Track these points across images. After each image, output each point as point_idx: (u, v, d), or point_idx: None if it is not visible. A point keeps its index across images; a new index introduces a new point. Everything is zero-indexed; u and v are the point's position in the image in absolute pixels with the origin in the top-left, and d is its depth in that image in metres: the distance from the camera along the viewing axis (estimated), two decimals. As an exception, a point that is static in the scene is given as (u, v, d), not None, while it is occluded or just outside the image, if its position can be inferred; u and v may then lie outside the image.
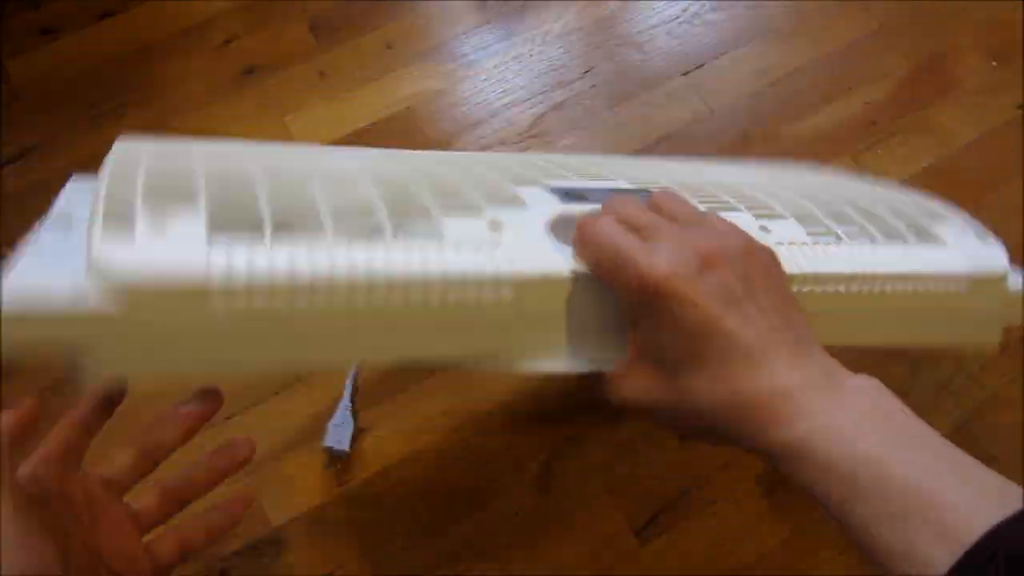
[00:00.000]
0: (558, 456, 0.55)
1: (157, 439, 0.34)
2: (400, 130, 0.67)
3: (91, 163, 0.68)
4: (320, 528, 0.53)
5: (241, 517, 0.36)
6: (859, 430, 0.26)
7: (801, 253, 0.35)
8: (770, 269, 0.31)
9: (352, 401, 0.55)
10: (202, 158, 0.34)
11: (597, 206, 0.35)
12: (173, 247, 0.26)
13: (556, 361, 0.33)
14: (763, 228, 0.37)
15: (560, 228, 0.34)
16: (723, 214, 0.35)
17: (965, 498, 0.24)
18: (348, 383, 0.56)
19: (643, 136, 0.67)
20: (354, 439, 0.54)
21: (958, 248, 0.39)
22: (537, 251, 0.32)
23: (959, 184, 0.65)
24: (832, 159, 0.66)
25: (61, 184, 0.64)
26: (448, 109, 0.68)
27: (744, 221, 0.36)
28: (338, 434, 0.54)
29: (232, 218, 0.28)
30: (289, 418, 0.56)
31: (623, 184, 0.39)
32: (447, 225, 0.31)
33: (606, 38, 0.72)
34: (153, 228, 0.27)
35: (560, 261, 0.32)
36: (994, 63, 0.70)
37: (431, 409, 0.56)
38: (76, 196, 0.37)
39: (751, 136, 0.67)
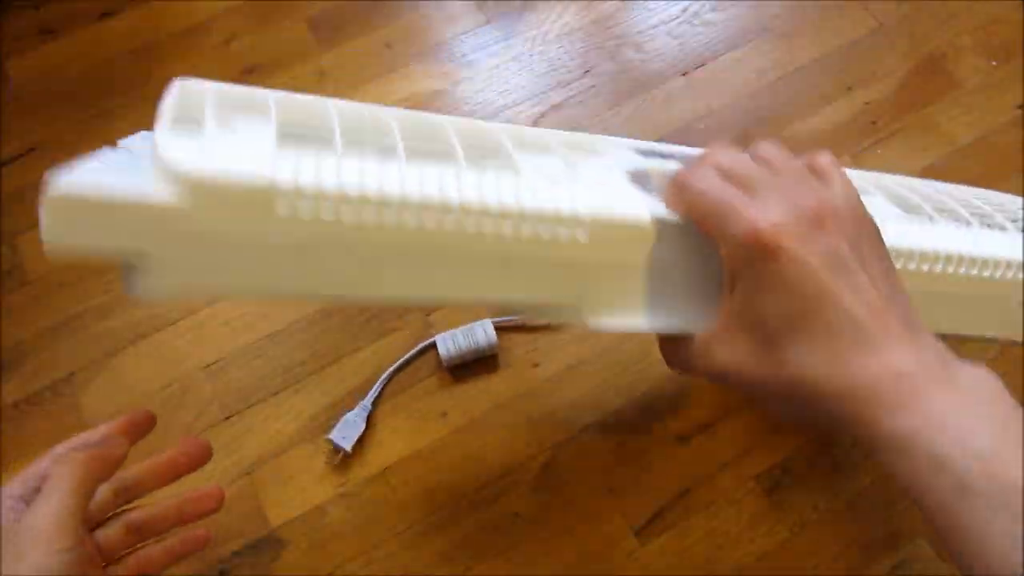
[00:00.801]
0: (558, 456, 0.55)
1: (138, 481, 0.34)
2: (400, 130, 0.67)
3: (91, 163, 0.67)
4: (320, 528, 0.53)
5: (201, 548, 0.37)
6: (975, 424, 0.24)
7: (895, 227, 0.33)
8: (876, 238, 0.28)
9: (373, 405, 0.55)
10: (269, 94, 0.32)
11: (679, 165, 0.32)
12: (241, 146, 0.25)
13: (633, 318, 0.29)
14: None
15: (642, 181, 0.31)
16: None
17: None
18: (377, 386, 0.56)
19: (643, 136, 0.67)
20: (359, 441, 0.54)
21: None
22: (617, 193, 0.29)
23: (959, 184, 0.65)
24: (832, 159, 0.66)
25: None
26: (448, 109, 0.68)
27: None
28: (346, 430, 0.54)
29: (302, 132, 0.27)
30: (289, 418, 0.56)
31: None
32: (523, 160, 0.29)
33: (606, 38, 0.72)
34: (221, 128, 0.25)
35: (642, 206, 0.28)
36: (994, 63, 0.70)
37: (431, 409, 0.56)
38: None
39: (751, 136, 0.67)
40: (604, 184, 0.29)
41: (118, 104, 0.68)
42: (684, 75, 0.70)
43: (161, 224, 0.23)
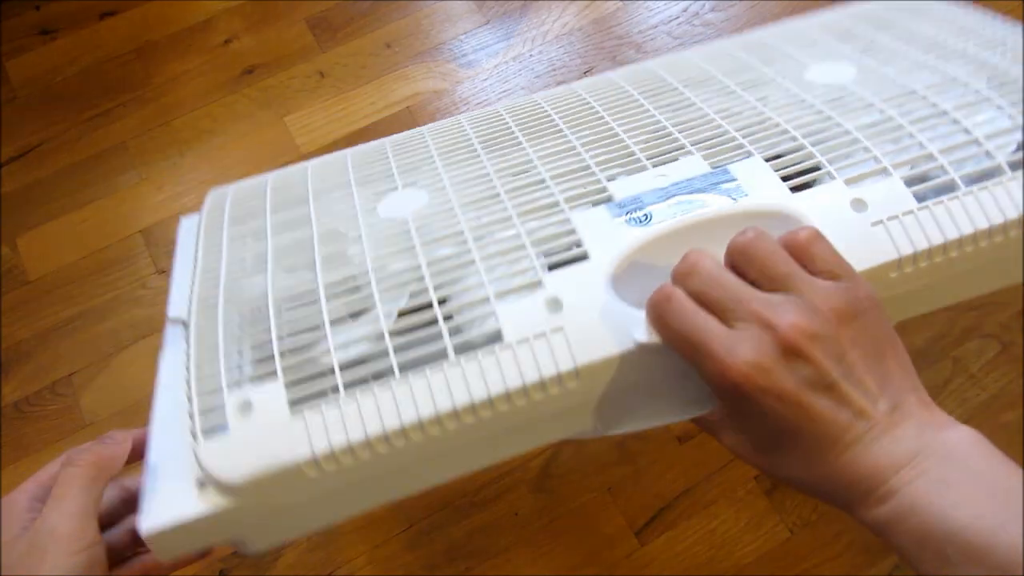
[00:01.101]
0: (558, 456, 0.55)
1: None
2: (400, 130, 0.67)
3: (91, 163, 0.68)
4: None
5: (207, 553, 0.37)
6: (950, 499, 0.25)
7: (904, 229, 0.31)
8: (869, 326, 0.28)
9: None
10: (273, 245, 0.36)
11: (665, 229, 0.32)
12: (261, 430, 0.29)
13: (649, 420, 0.32)
14: (857, 203, 0.32)
15: (625, 277, 0.32)
16: (811, 191, 0.32)
17: None
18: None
19: (643, 136, 0.67)
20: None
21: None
22: (599, 329, 0.30)
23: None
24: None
25: (61, 184, 0.65)
26: (448, 109, 0.68)
27: (834, 197, 0.32)
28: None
29: (305, 371, 0.31)
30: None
31: (696, 163, 0.35)
32: (504, 317, 0.31)
33: (606, 38, 0.72)
34: (242, 416, 0.30)
35: (622, 339, 0.30)
36: (994, 63, 0.70)
37: (431, 409, 0.56)
38: (184, 269, 0.40)
39: (751, 136, 0.67)
40: (586, 322, 0.31)
41: (118, 104, 0.68)
42: (684, 75, 0.70)
43: (230, 521, 0.29)
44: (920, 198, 0.31)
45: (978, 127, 0.34)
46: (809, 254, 0.29)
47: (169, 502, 0.29)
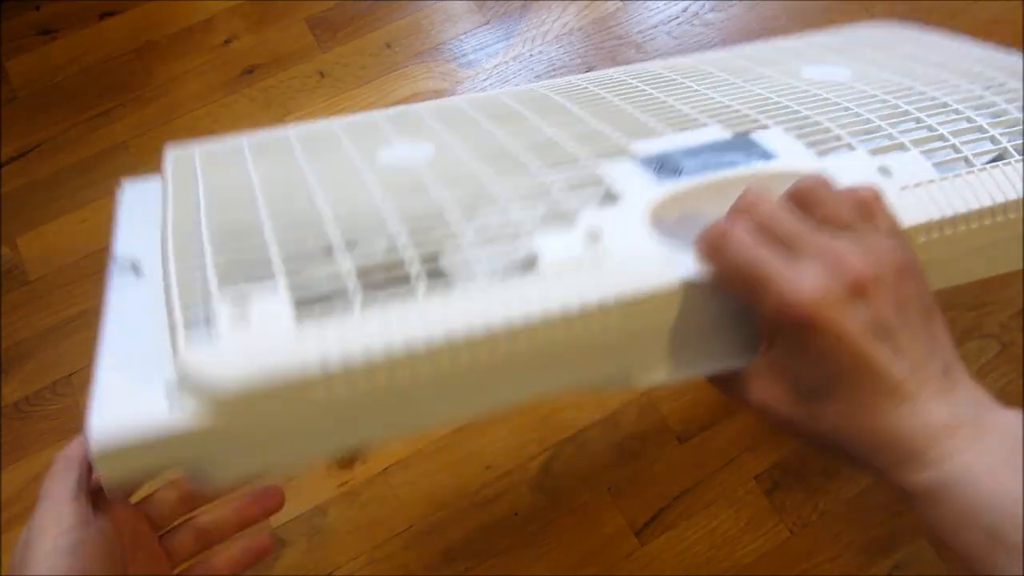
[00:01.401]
0: (558, 456, 0.55)
1: (211, 527, 0.35)
2: (400, 130, 0.67)
3: (91, 163, 0.68)
4: (320, 528, 0.53)
5: (266, 555, 0.37)
6: (1006, 475, 0.24)
7: (930, 196, 0.31)
8: (919, 283, 0.28)
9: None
10: (260, 178, 0.33)
11: (699, 182, 0.31)
12: (260, 341, 0.25)
13: (677, 371, 0.30)
14: (883, 170, 0.32)
15: (663, 216, 0.31)
16: (837, 155, 0.32)
17: None
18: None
19: (643, 136, 0.67)
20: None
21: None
22: (641, 263, 0.29)
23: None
24: (832, 159, 0.66)
25: (61, 184, 0.65)
26: (448, 109, 0.68)
27: (861, 163, 0.32)
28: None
29: (310, 278, 0.27)
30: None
31: (716, 131, 0.34)
32: (541, 246, 0.29)
33: (606, 38, 0.72)
34: (235, 321, 0.25)
35: (667, 272, 0.28)
36: (994, 63, 0.70)
37: (431, 409, 0.56)
38: (136, 222, 0.35)
39: (751, 136, 0.67)
40: (627, 253, 0.29)
41: (118, 104, 0.68)
42: (684, 75, 0.70)
43: (197, 443, 0.24)
44: (940, 171, 0.32)
45: (980, 117, 0.34)
46: (871, 210, 0.28)
47: (132, 407, 0.24)
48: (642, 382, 0.30)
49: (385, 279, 0.27)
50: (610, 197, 0.31)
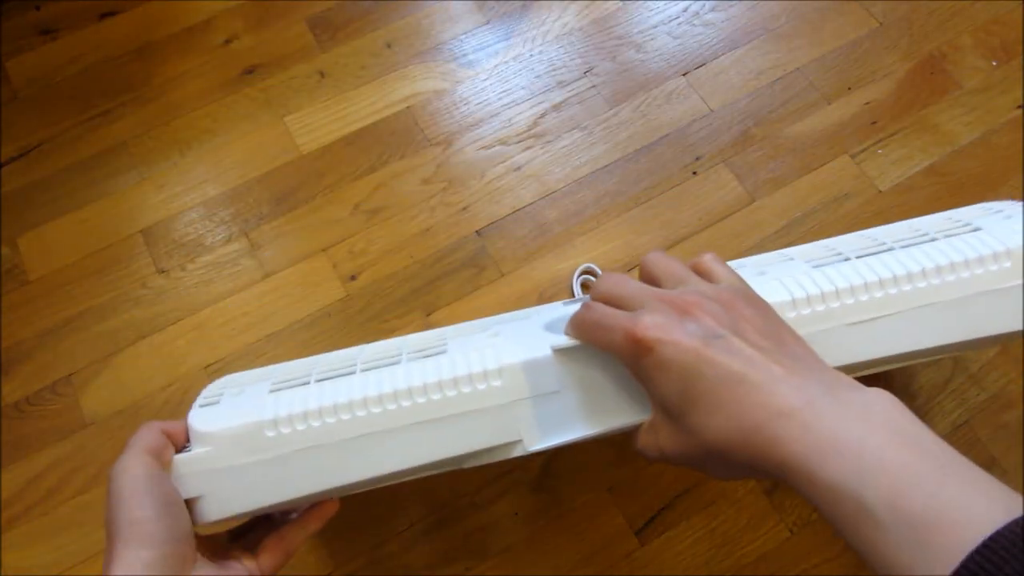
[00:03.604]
0: (558, 456, 0.55)
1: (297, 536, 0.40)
2: (400, 130, 0.67)
3: (91, 163, 0.68)
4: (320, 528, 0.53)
5: (331, 515, 0.42)
6: (863, 445, 0.25)
7: (796, 281, 0.36)
8: (756, 306, 0.31)
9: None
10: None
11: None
12: (243, 404, 0.36)
13: (571, 433, 0.35)
14: (760, 273, 0.38)
15: (558, 325, 0.37)
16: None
17: (973, 512, 0.23)
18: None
19: (643, 136, 0.67)
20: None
21: (994, 230, 0.36)
22: (525, 341, 0.36)
23: (959, 184, 0.65)
24: (832, 159, 0.66)
25: (61, 184, 0.65)
26: (448, 109, 0.68)
27: (743, 272, 0.37)
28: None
29: (290, 381, 0.37)
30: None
31: None
32: (453, 344, 0.37)
33: (606, 38, 0.72)
34: (232, 397, 0.37)
35: (543, 344, 0.35)
36: (994, 63, 0.70)
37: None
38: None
39: (751, 136, 0.67)
40: (516, 339, 0.36)
41: (118, 104, 0.68)
42: (684, 75, 0.70)
43: (200, 467, 0.34)
44: (812, 263, 0.39)
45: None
46: (706, 269, 0.34)
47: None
48: (539, 446, 0.35)
49: (333, 375, 0.37)
50: (522, 319, 0.41)
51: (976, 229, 0.37)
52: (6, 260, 0.62)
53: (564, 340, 0.35)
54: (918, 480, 0.24)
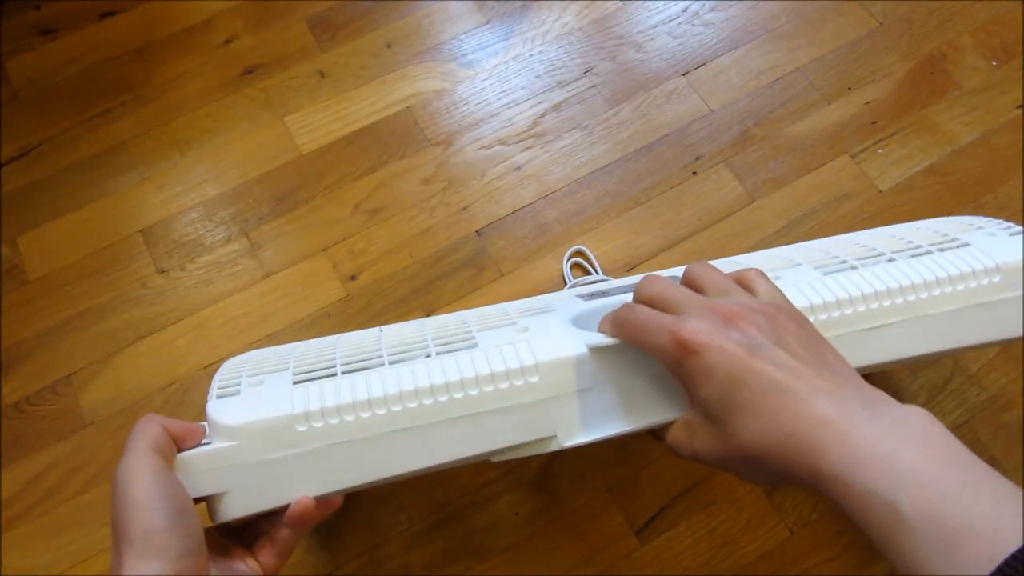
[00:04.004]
0: (558, 456, 0.55)
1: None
2: (400, 130, 0.67)
3: (91, 163, 0.68)
4: (320, 528, 0.53)
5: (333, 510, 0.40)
6: (898, 456, 0.26)
7: (812, 287, 0.38)
8: (799, 322, 0.32)
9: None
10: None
11: (619, 298, 0.39)
12: (266, 395, 0.34)
13: (602, 430, 0.36)
14: (776, 278, 0.39)
15: (584, 321, 0.38)
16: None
17: (1005, 525, 0.23)
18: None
19: (643, 136, 0.67)
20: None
21: (981, 246, 0.40)
22: (557, 338, 0.36)
23: (959, 184, 0.65)
24: (832, 159, 0.66)
25: (61, 184, 0.65)
26: (448, 109, 0.68)
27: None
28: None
29: (312, 371, 0.36)
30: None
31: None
32: (482, 337, 0.37)
33: (606, 38, 0.72)
34: (252, 388, 0.35)
35: (578, 341, 0.35)
36: (994, 63, 0.70)
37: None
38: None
39: (751, 136, 0.67)
40: (547, 334, 0.37)
41: (118, 104, 0.68)
42: (684, 75, 0.70)
43: (226, 462, 0.33)
44: (823, 270, 0.41)
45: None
46: (749, 281, 0.35)
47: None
48: (573, 442, 0.35)
49: (360, 366, 0.36)
50: (548, 309, 0.40)
51: (964, 244, 0.41)
52: (6, 260, 0.62)
53: (600, 338, 0.35)
54: (952, 491, 0.25)
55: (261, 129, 0.67)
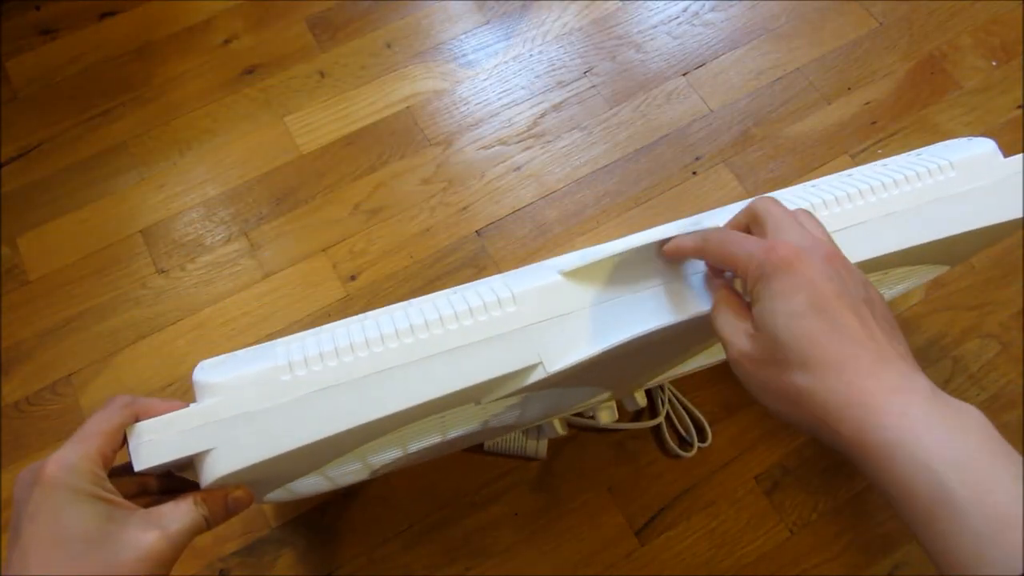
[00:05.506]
0: (558, 456, 0.55)
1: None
2: (400, 130, 0.67)
3: (91, 163, 0.68)
4: (320, 528, 0.53)
5: (246, 506, 0.38)
6: (955, 440, 0.26)
7: (817, 193, 0.40)
8: (879, 295, 0.32)
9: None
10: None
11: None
12: (252, 355, 0.35)
13: (584, 349, 0.35)
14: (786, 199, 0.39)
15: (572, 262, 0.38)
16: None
17: None
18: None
19: (643, 136, 0.67)
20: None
21: (943, 151, 0.43)
22: (534, 273, 0.37)
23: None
24: (832, 159, 0.66)
25: (61, 184, 0.65)
26: (448, 109, 0.68)
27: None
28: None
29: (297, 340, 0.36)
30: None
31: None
32: (464, 287, 0.37)
33: (606, 38, 0.72)
34: (236, 354, 0.36)
35: (551, 273, 0.36)
36: (994, 63, 0.70)
37: (431, 409, 0.56)
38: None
39: (751, 136, 0.67)
40: (524, 271, 0.37)
41: (118, 104, 0.68)
42: (684, 75, 0.70)
43: (210, 418, 0.33)
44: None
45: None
46: (818, 228, 0.34)
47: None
48: (556, 366, 0.35)
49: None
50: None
51: (919, 154, 0.44)
52: (6, 260, 0.62)
53: (571, 263, 0.36)
54: (1006, 480, 0.25)
55: (261, 129, 0.67)
